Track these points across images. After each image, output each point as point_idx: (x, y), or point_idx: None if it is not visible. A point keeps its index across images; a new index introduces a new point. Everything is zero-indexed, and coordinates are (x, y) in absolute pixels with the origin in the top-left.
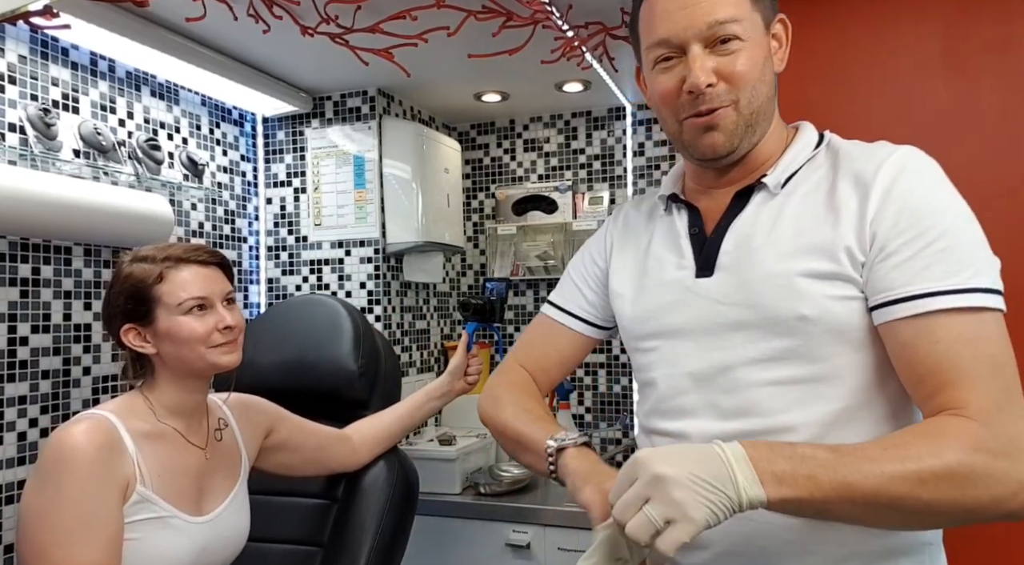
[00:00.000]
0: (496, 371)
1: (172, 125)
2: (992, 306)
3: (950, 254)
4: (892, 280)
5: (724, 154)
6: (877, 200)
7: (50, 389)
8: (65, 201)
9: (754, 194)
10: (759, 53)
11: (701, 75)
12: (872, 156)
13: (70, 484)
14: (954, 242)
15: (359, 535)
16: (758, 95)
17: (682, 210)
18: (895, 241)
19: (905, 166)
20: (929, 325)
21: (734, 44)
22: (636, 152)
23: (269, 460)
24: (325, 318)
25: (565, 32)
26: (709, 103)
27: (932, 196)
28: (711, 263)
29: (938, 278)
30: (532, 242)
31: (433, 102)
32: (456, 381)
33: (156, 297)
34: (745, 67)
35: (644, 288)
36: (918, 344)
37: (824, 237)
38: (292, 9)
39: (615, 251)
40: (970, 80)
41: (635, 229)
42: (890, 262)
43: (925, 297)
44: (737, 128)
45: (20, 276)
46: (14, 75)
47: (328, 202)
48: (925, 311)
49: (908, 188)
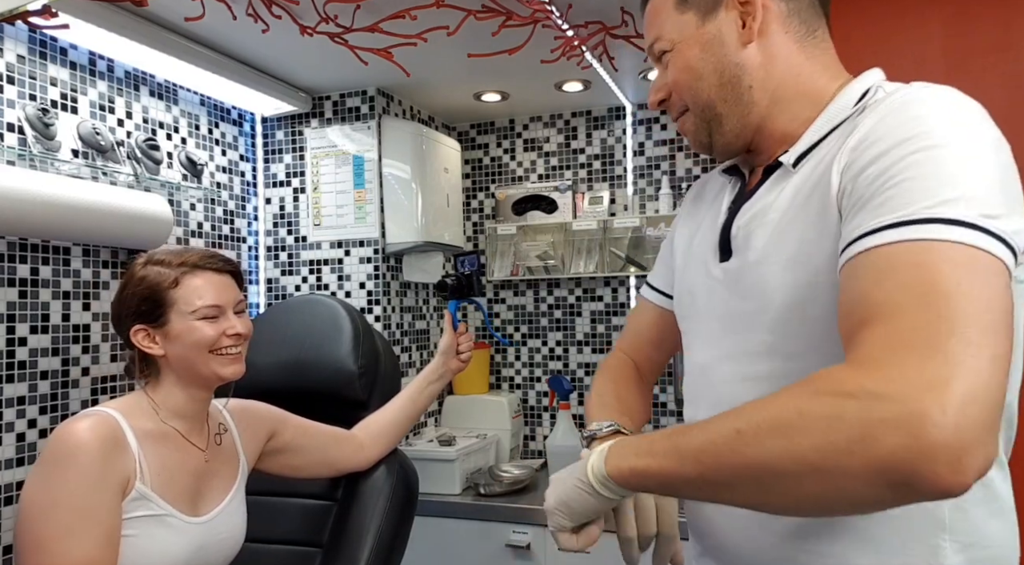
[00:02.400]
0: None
1: (171, 125)
2: (956, 240)
3: (913, 183)
4: (854, 225)
5: (710, 152)
6: (849, 148)
7: (49, 390)
8: (64, 201)
9: (774, 172)
10: (690, 52)
11: (650, 95)
12: (889, 100)
13: (72, 478)
14: (926, 169)
15: (359, 536)
16: (701, 91)
17: (737, 183)
18: (861, 184)
19: (895, 97)
20: (862, 262)
21: (666, 57)
22: (636, 152)
23: (275, 462)
24: (324, 318)
25: (565, 31)
26: (673, 113)
27: (920, 121)
28: (727, 246)
29: (888, 211)
30: (532, 242)
31: (433, 102)
32: (450, 360)
33: (171, 301)
34: (675, 74)
35: (687, 266)
36: (846, 286)
37: (811, 218)
38: (291, 8)
39: (679, 224)
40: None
41: (704, 202)
42: (855, 208)
43: (864, 236)
44: (698, 128)
45: (19, 276)
46: (12, 75)
47: (327, 202)
48: (860, 250)
49: (894, 120)
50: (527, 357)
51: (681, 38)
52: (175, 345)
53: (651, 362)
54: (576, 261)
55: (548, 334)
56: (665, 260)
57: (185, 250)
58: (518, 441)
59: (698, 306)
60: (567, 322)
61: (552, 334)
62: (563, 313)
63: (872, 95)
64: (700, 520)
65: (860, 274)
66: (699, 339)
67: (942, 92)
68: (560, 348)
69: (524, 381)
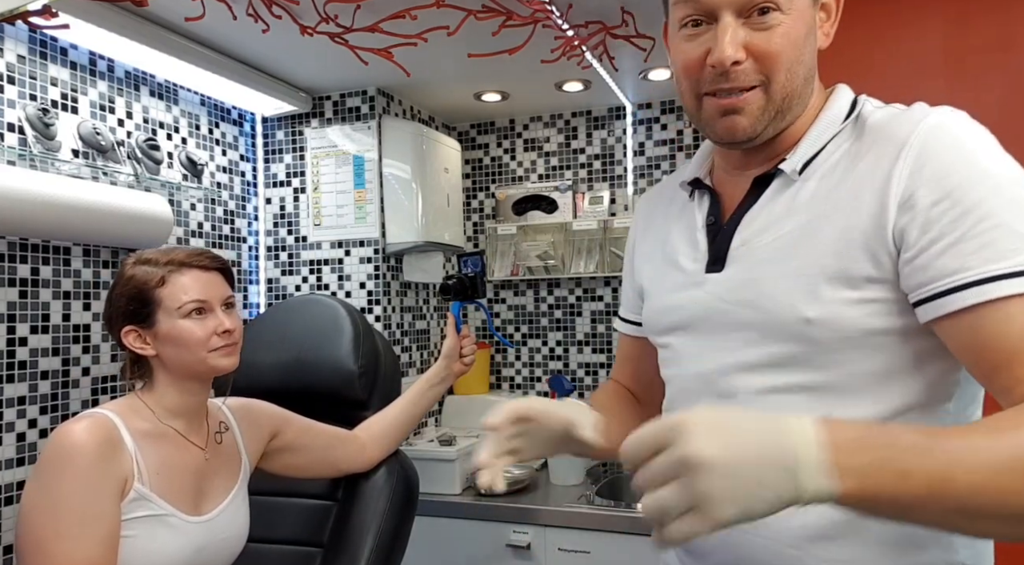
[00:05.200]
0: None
1: (171, 125)
2: None
3: (1003, 230)
4: (943, 267)
5: (744, 140)
6: (908, 172)
7: (49, 390)
8: (64, 201)
9: (773, 180)
10: (800, 28)
11: (728, 49)
12: (901, 124)
13: (69, 480)
14: (1013, 216)
15: (359, 535)
16: (794, 77)
17: (704, 196)
18: (939, 221)
19: (944, 128)
20: (997, 311)
21: (773, 17)
22: (636, 152)
23: (277, 462)
24: (325, 318)
25: (565, 31)
26: (734, 81)
27: (976, 163)
28: (722, 257)
29: (999, 259)
30: (532, 242)
31: (433, 102)
32: (453, 364)
33: (157, 300)
34: (781, 45)
35: (660, 282)
36: (986, 333)
37: (836, 231)
38: (291, 8)
39: (637, 244)
40: (970, 78)
41: (657, 219)
42: (935, 248)
43: (984, 283)
44: (764, 113)
45: (19, 276)
46: (13, 75)
47: (328, 202)
48: (987, 299)
49: (945, 156)
50: (527, 357)
51: (797, 5)
52: (166, 345)
53: (644, 392)
54: (576, 261)
55: (548, 334)
56: (630, 287)
57: (173, 249)
58: None
59: (683, 317)
60: (567, 322)
61: (552, 334)
62: (563, 313)
63: (860, 108)
64: (703, 539)
65: (993, 323)
66: (691, 351)
67: (969, 123)
68: (560, 348)
69: (524, 381)
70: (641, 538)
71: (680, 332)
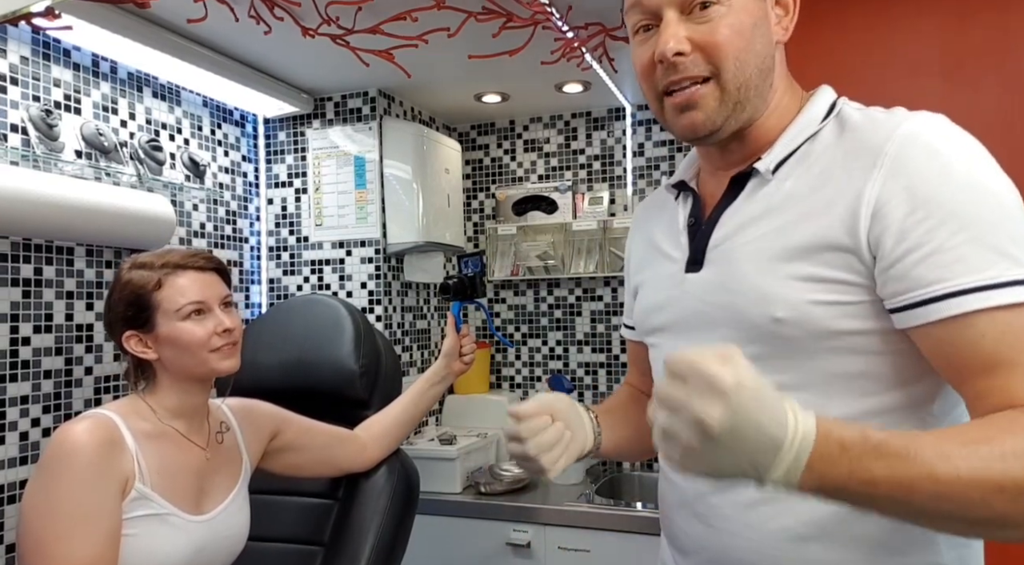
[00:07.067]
0: None
1: (174, 126)
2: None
3: (981, 243)
4: (919, 278)
5: (706, 134)
6: (881, 180)
7: (52, 389)
8: (67, 202)
9: (749, 179)
10: (745, 19)
11: (671, 42)
12: (879, 126)
13: (71, 480)
14: (986, 228)
15: (360, 534)
16: (744, 66)
17: (687, 198)
18: (914, 231)
19: (919, 136)
20: (970, 323)
21: (714, 10)
22: (636, 152)
23: (278, 461)
24: (326, 318)
25: (565, 33)
26: (682, 72)
27: (950, 172)
28: (700, 257)
29: (972, 272)
30: (532, 242)
31: (433, 103)
32: (453, 363)
33: (155, 303)
34: (726, 35)
35: (647, 284)
36: (962, 343)
37: (809, 232)
38: (293, 10)
39: (633, 251)
40: (968, 81)
41: (650, 224)
42: (910, 259)
43: (959, 295)
44: (722, 106)
45: (22, 276)
46: (16, 76)
47: (329, 202)
48: (962, 312)
49: (920, 165)
50: (527, 357)
51: (737, 1)
52: (167, 348)
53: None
54: (576, 261)
55: (548, 334)
56: (629, 292)
57: (168, 251)
58: None
59: (666, 318)
60: (567, 322)
61: (552, 334)
62: (563, 313)
63: (839, 110)
64: (689, 538)
65: (967, 335)
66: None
67: (947, 125)
68: (560, 348)
69: (524, 381)
70: (641, 537)
71: (664, 332)
